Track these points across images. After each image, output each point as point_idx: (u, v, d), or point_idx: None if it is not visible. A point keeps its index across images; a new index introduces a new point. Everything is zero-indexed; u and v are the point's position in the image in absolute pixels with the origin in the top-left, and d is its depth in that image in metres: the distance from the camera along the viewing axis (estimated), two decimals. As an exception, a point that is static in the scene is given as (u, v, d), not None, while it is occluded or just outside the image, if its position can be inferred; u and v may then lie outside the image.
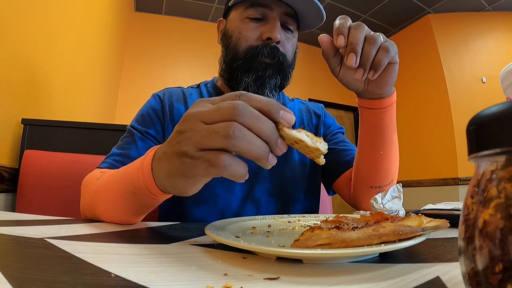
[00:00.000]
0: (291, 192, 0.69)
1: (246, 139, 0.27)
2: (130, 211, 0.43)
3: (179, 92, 0.71)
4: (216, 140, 0.27)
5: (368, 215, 0.36)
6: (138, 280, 0.20)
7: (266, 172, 0.67)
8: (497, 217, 0.13)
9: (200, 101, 0.31)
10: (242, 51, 0.64)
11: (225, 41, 0.68)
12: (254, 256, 0.28)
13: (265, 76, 0.62)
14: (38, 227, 0.39)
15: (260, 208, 0.66)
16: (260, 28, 0.63)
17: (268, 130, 0.28)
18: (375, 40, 0.45)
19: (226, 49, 0.67)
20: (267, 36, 0.62)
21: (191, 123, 0.29)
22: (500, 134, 0.13)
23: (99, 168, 0.59)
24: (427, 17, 3.48)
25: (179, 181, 0.31)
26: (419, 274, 0.22)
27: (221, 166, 0.28)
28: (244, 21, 0.64)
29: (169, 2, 3.21)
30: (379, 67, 0.46)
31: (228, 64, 0.66)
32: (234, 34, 0.65)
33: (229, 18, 0.69)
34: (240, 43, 0.64)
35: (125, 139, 0.64)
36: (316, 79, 4.13)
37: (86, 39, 1.69)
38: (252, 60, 0.62)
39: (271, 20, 0.63)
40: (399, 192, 0.49)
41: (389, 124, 0.56)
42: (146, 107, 0.68)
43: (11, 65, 0.93)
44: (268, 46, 0.62)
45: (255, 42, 0.63)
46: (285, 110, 0.29)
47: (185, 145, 0.29)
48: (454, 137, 3.12)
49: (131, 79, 3.08)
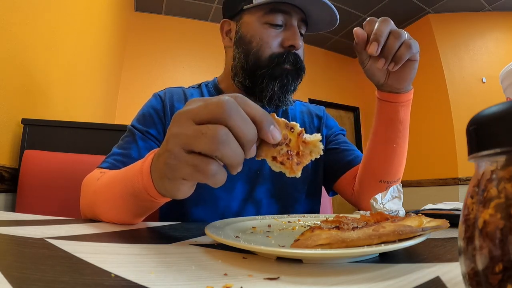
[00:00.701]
0: (292, 194, 0.69)
1: (231, 146, 0.27)
2: (130, 212, 0.43)
3: (180, 92, 0.71)
4: (203, 141, 0.27)
5: (368, 215, 0.36)
6: (138, 280, 0.20)
7: (267, 173, 0.67)
8: (497, 217, 0.13)
9: (192, 100, 0.31)
10: (266, 59, 0.63)
11: (243, 47, 0.66)
12: (254, 256, 0.28)
13: (289, 83, 0.64)
14: (38, 227, 0.39)
15: (260, 209, 0.66)
16: (281, 35, 0.64)
17: (251, 135, 0.28)
18: (399, 35, 0.49)
19: (246, 55, 0.65)
20: (290, 43, 0.63)
21: (180, 122, 0.29)
22: (500, 134, 0.13)
23: (100, 168, 0.58)
24: (427, 17, 3.48)
25: (166, 184, 0.31)
26: (419, 274, 0.22)
27: (208, 174, 0.28)
28: (264, 26, 0.64)
29: (169, 2, 3.21)
30: (399, 60, 0.50)
31: (250, 71, 0.65)
32: (254, 40, 0.64)
33: (243, 22, 0.67)
34: (263, 50, 0.63)
35: (125, 138, 0.63)
36: (316, 79, 4.13)
37: (86, 39, 1.69)
38: (277, 68, 0.63)
39: (290, 27, 0.64)
40: (399, 192, 0.49)
41: (404, 120, 0.59)
42: (147, 107, 0.67)
43: (11, 65, 0.93)
44: (292, 54, 0.63)
45: (277, 49, 0.63)
46: (275, 126, 0.29)
47: (171, 146, 0.29)
48: (454, 137, 3.12)
49: (131, 79, 3.08)
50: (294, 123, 0.31)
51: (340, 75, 4.41)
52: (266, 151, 0.31)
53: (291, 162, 0.30)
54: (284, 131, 0.30)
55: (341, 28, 3.75)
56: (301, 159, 0.30)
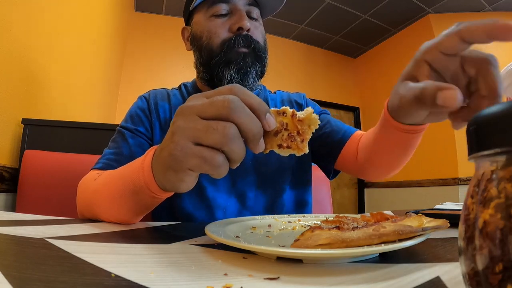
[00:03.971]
0: (278, 184, 0.68)
1: (238, 143, 0.28)
2: (130, 211, 0.43)
3: (163, 93, 0.73)
4: (214, 136, 0.28)
5: (368, 215, 0.36)
6: (138, 280, 0.20)
7: (250, 165, 0.66)
8: (497, 217, 0.13)
9: (194, 96, 0.32)
10: (217, 47, 0.64)
11: (196, 44, 0.68)
12: (254, 256, 0.28)
13: (246, 65, 0.63)
14: (38, 227, 0.39)
15: (246, 202, 0.65)
16: (228, 22, 0.64)
17: (257, 129, 0.29)
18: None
19: (199, 51, 0.67)
20: (237, 26, 0.63)
21: (186, 116, 0.30)
22: (500, 134, 0.14)
23: (95, 169, 0.59)
24: (428, 17, 3.47)
25: (170, 175, 0.32)
26: (419, 274, 0.22)
27: (215, 166, 0.29)
28: (210, 19, 0.65)
29: (169, 2, 3.21)
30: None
31: (205, 64, 0.66)
32: (203, 35, 0.66)
33: (194, 22, 0.69)
34: (213, 40, 0.64)
35: (116, 139, 0.65)
36: (316, 79, 4.13)
37: (86, 39, 1.69)
38: (230, 52, 0.63)
39: (236, 11, 0.64)
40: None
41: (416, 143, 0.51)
42: (134, 108, 0.70)
43: (11, 65, 0.93)
44: (242, 36, 0.63)
45: (227, 35, 0.64)
46: (270, 114, 0.30)
47: (178, 138, 0.30)
48: (454, 137, 3.11)
49: (131, 79, 3.08)
50: (284, 107, 0.32)
51: (340, 75, 4.41)
52: (271, 142, 0.32)
53: (296, 143, 0.32)
54: (279, 118, 0.32)
55: (341, 28, 3.75)
56: (303, 135, 0.32)
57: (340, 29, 3.78)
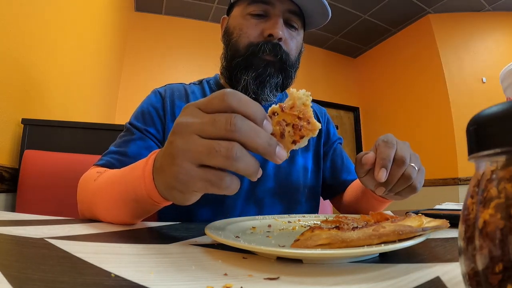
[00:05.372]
0: (295, 195, 0.69)
1: (245, 160, 0.27)
2: (130, 214, 0.43)
3: (181, 89, 0.69)
4: (217, 159, 0.26)
5: (368, 216, 0.36)
6: (138, 280, 0.20)
7: (271, 172, 0.66)
8: (497, 217, 0.13)
9: (189, 108, 0.30)
10: (243, 48, 0.62)
11: (226, 38, 0.67)
12: (254, 256, 0.28)
13: (266, 74, 0.61)
14: (38, 227, 0.39)
15: (263, 209, 0.65)
16: (262, 25, 0.62)
17: (266, 142, 0.27)
18: (402, 162, 0.46)
19: (227, 46, 0.66)
20: (268, 32, 0.61)
21: (184, 136, 0.28)
22: (500, 134, 0.13)
23: (96, 166, 0.57)
24: (427, 17, 3.47)
25: (176, 194, 0.31)
26: (419, 274, 0.22)
27: (222, 187, 0.28)
28: (245, 17, 0.63)
29: (169, 2, 3.21)
30: (396, 189, 0.49)
31: (228, 61, 0.65)
32: (235, 31, 0.64)
33: (232, 15, 0.68)
34: (241, 40, 0.63)
35: (123, 137, 0.61)
36: (316, 79, 4.13)
37: (86, 39, 1.69)
38: (252, 57, 0.61)
39: (273, 16, 0.62)
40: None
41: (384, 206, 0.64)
42: (147, 104, 0.65)
43: (11, 65, 0.93)
44: (270, 43, 0.61)
45: (256, 39, 0.62)
46: (268, 120, 0.29)
47: (180, 161, 0.28)
48: (454, 137, 3.12)
49: (131, 78, 3.08)
50: (271, 108, 0.31)
51: (340, 75, 4.41)
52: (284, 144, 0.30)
53: (304, 128, 0.30)
54: (275, 120, 0.31)
55: (341, 28, 3.75)
56: (305, 116, 0.31)
57: (340, 29, 3.78)
